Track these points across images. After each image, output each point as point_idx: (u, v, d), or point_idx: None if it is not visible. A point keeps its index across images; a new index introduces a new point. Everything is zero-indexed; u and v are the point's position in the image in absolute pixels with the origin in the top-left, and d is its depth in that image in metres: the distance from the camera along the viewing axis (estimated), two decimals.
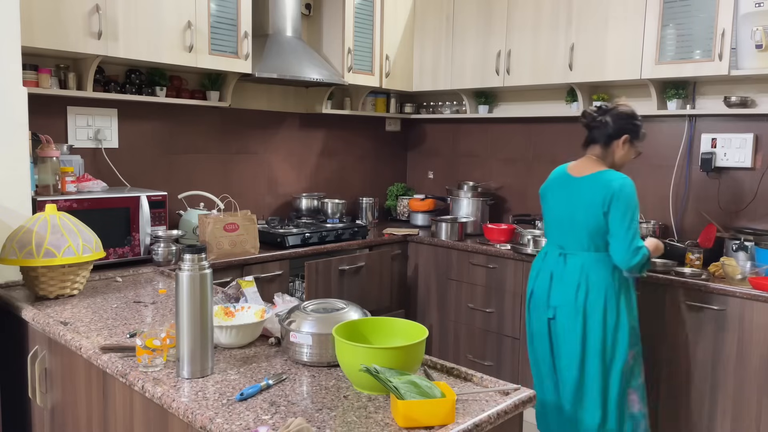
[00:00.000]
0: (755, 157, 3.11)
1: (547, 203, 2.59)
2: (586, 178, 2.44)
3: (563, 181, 2.53)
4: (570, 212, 2.44)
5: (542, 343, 2.54)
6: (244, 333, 1.66)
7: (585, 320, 2.38)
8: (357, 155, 4.38)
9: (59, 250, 2.03)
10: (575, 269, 2.41)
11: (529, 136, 3.99)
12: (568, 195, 2.47)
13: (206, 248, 1.89)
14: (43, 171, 2.54)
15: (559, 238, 2.51)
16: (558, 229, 2.51)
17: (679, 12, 2.99)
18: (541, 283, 2.52)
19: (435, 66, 4.07)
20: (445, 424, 1.23)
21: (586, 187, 2.42)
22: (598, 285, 2.38)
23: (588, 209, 2.38)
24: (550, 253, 2.54)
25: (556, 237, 2.53)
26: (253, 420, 1.25)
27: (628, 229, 2.32)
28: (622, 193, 2.33)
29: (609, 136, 2.47)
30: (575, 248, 2.44)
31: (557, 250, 2.50)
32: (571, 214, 2.44)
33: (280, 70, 3.32)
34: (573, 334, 2.41)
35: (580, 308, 2.38)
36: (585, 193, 2.41)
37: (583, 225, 2.40)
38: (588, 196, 2.39)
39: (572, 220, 2.43)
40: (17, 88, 2.24)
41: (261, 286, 2.76)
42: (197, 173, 3.49)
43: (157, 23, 2.83)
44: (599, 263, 2.39)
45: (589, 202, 2.38)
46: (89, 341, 1.70)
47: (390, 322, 1.54)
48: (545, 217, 2.61)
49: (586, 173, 2.46)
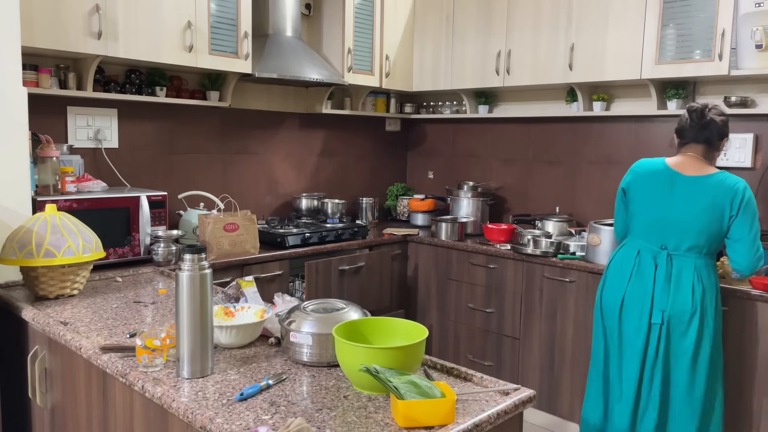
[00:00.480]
0: (755, 157, 3.11)
1: (643, 199, 2.42)
2: (704, 178, 2.34)
3: (669, 178, 2.39)
4: (684, 212, 2.34)
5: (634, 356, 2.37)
6: (244, 333, 1.66)
7: (702, 325, 2.30)
8: (357, 155, 4.38)
9: (59, 250, 2.03)
10: (690, 271, 2.33)
11: (529, 136, 3.99)
12: (682, 194, 2.35)
13: (206, 248, 1.89)
14: (43, 171, 2.54)
15: (661, 238, 2.38)
16: (662, 229, 2.38)
17: (679, 12, 2.99)
18: (641, 285, 2.38)
19: (435, 66, 4.07)
20: (445, 424, 1.23)
21: (707, 188, 2.33)
22: (710, 289, 2.33)
23: (711, 211, 2.31)
24: (644, 254, 2.40)
25: (656, 236, 2.39)
26: (253, 420, 1.25)
27: (756, 235, 2.30)
28: (750, 199, 2.30)
29: (720, 136, 2.40)
30: (685, 249, 2.35)
31: (658, 251, 2.39)
32: (684, 214, 2.34)
33: (280, 70, 3.32)
34: (687, 341, 2.32)
35: (697, 312, 2.30)
36: (706, 195, 2.32)
37: (703, 226, 2.32)
38: (711, 198, 2.31)
39: (686, 221, 2.33)
40: (17, 88, 2.24)
41: (261, 286, 2.76)
42: (197, 173, 3.49)
43: (157, 23, 2.83)
44: (710, 267, 2.36)
45: (712, 204, 2.31)
46: (89, 341, 1.70)
47: (390, 322, 1.54)
48: (637, 214, 2.44)
49: (701, 173, 2.36)
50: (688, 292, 2.32)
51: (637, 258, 2.43)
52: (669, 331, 2.34)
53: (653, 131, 3.46)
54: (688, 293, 2.32)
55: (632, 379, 2.39)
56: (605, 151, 3.66)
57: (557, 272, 3.18)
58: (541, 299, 3.26)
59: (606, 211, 3.60)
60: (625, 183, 2.52)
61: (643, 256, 2.42)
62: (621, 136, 3.59)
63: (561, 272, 3.16)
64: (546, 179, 3.93)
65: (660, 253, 2.38)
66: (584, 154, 3.75)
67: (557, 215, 3.68)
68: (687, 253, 2.35)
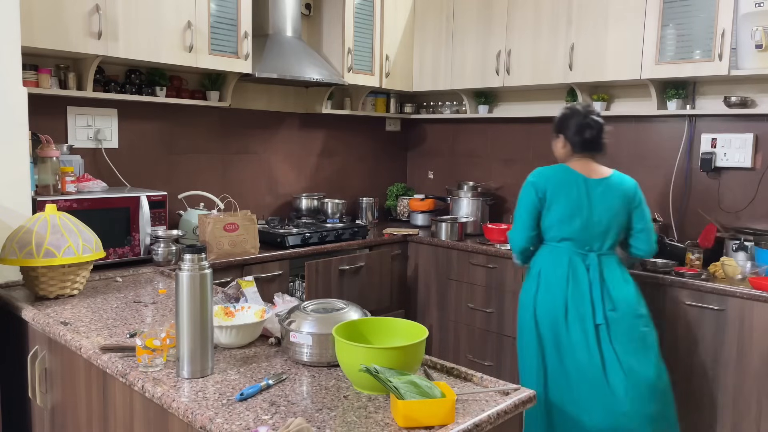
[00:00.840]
0: (755, 157, 3.11)
1: (560, 204, 2.47)
2: (606, 180, 2.51)
3: (579, 182, 2.48)
4: (602, 213, 2.46)
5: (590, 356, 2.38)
6: (244, 333, 1.66)
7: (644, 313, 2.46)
8: (357, 155, 4.38)
9: (59, 250, 2.03)
10: (615, 267, 2.47)
11: (529, 136, 3.99)
12: (597, 197, 2.47)
13: (206, 248, 1.89)
14: (43, 171, 2.54)
15: (589, 241, 2.46)
16: (588, 232, 2.45)
17: (679, 12, 2.99)
18: (577, 289, 2.42)
19: (435, 66, 4.07)
20: (445, 424, 1.23)
21: (611, 188, 2.49)
22: (632, 279, 2.52)
23: (619, 210, 2.48)
24: (575, 258, 2.45)
25: (584, 240, 2.45)
26: (253, 420, 1.25)
27: (651, 222, 2.56)
28: (640, 191, 2.54)
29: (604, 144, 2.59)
30: (608, 248, 2.49)
31: (586, 254, 2.45)
32: (603, 216, 2.46)
33: (280, 70, 3.32)
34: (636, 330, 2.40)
35: (641, 302, 2.47)
36: (613, 195, 2.48)
37: (621, 224, 2.49)
38: (616, 198, 2.48)
39: (607, 221, 2.46)
40: (17, 88, 2.24)
41: (261, 286, 2.76)
42: (197, 173, 3.49)
43: (157, 23, 2.83)
44: (617, 260, 2.52)
45: (619, 203, 2.48)
46: (89, 341, 1.70)
47: (390, 322, 1.54)
48: (561, 221, 2.47)
49: (605, 175, 2.53)
50: (625, 286, 2.45)
51: (570, 263, 2.45)
52: (615, 326, 2.38)
53: (653, 131, 3.46)
54: (625, 287, 2.45)
55: (597, 378, 2.37)
56: None
57: None
58: None
59: None
60: (539, 191, 2.50)
61: (573, 260, 2.45)
62: (621, 136, 3.58)
63: None
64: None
65: (589, 255, 2.46)
66: None
67: None
68: (610, 251, 2.50)
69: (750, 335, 2.59)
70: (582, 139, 2.52)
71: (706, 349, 2.72)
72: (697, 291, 2.71)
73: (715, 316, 2.67)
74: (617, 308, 2.40)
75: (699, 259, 2.93)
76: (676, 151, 3.36)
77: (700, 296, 2.71)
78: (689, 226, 3.33)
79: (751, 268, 2.72)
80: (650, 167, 3.46)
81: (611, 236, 2.47)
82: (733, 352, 2.63)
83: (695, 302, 2.72)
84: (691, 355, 2.76)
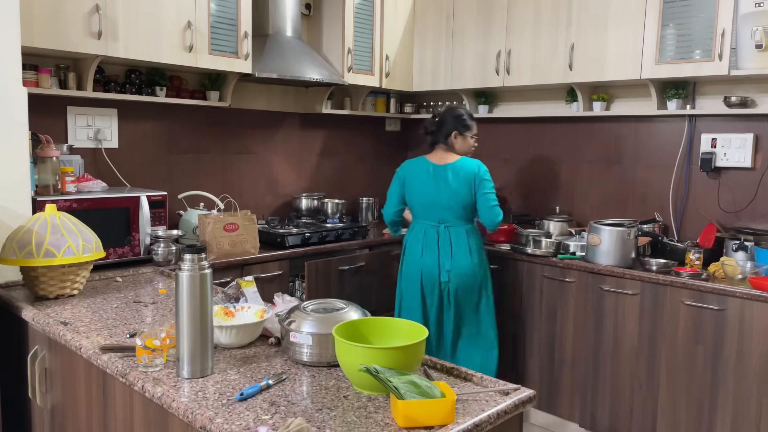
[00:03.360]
0: (755, 157, 3.11)
1: (414, 188, 3.07)
2: (451, 164, 3.03)
3: (428, 168, 3.07)
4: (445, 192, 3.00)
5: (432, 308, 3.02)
6: (244, 333, 1.66)
7: (482, 276, 3.02)
8: (357, 155, 4.38)
9: (59, 250, 2.03)
10: (463, 236, 3.00)
11: (529, 136, 3.99)
12: (440, 179, 3.01)
13: (206, 248, 1.89)
14: (43, 171, 2.54)
15: (437, 216, 3.02)
16: (435, 208, 3.02)
17: (679, 12, 2.99)
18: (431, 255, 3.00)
19: (435, 66, 4.07)
20: (445, 424, 1.23)
21: (455, 171, 3.01)
22: (481, 248, 3.06)
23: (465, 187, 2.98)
24: (429, 230, 3.03)
25: (433, 215, 3.03)
26: (253, 420, 1.25)
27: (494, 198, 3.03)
28: (486, 172, 3.02)
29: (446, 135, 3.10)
30: (454, 219, 3.01)
31: (437, 225, 3.02)
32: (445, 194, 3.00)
33: (280, 70, 3.32)
34: (471, 290, 2.99)
35: (476, 267, 3.00)
36: (456, 176, 2.99)
37: (457, 201, 2.99)
38: (461, 178, 2.99)
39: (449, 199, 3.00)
40: (17, 88, 2.24)
41: (261, 286, 2.75)
42: (197, 173, 3.49)
43: (157, 23, 2.83)
44: (475, 230, 3.08)
45: (462, 182, 2.98)
46: (89, 341, 1.70)
47: (390, 322, 1.54)
48: (414, 200, 3.10)
49: (447, 161, 3.04)
50: (466, 253, 2.98)
51: (424, 234, 3.04)
52: (456, 284, 2.97)
53: (653, 131, 3.46)
54: (466, 253, 2.98)
55: (432, 323, 3.03)
56: (605, 151, 3.66)
57: (557, 272, 3.18)
58: (541, 299, 3.27)
59: (606, 211, 3.60)
60: (403, 175, 3.16)
61: (428, 231, 3.03)
62: (621, 136, 3.59)
63: (561, 272, 3.16)
64: (546, 179, 3.93)
65: (439, 227, 3.02)
66: (584, 154, 3.75)
67: (557, 215, 3.68)
68: (457, 222, 3.01)
69: (750, 335, 2.59)
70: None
71: (706, 349, 2.72)
72: (697, 291, 2.71)
73: (715, 316, 2.67)
74: (453, 269, 2.96)
75: (699, 259, 2.93)
76: (676, 151, 3.36)
77: (700, 296, 2.71)
78: (689, 226, 3.33)
79: (751, 268, 2.72)
80: (650, 167, 3.46)
81: (454, 210, 2.99)
82: (733, 352, 2.63)
83: (695, 302, 2.72)
84: (691, 355, 2.76)
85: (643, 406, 2.93)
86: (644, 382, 2.92)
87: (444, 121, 3.13)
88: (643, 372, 2.92)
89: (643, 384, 2.92)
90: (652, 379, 2.89)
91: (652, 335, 2.87)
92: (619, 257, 2.97)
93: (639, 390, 2.94)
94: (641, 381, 2.93)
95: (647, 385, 2.91)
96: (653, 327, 2.86)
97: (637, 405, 2.95)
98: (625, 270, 2.93)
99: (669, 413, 2.85)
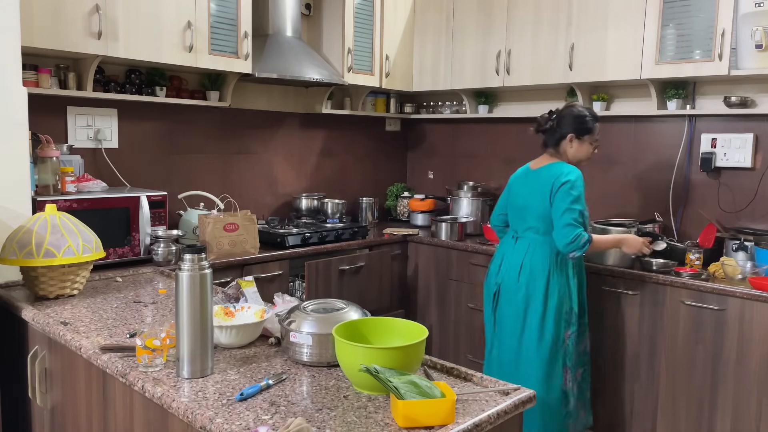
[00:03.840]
0: (755, 157, 3.11)
1: (510, 193, 2.85)
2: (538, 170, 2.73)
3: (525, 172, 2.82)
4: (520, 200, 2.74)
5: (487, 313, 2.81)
6: (244, 333, 1.66)
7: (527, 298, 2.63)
8: (357, 155, 4.38)
9: (59, 250, 2.03)
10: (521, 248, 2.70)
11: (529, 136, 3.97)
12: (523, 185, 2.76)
13: (206, 248, 1.89)
14: (43, 171, 2.54)
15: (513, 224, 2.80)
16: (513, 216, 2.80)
17: (679, 12, 2.99)
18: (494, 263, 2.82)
19: (435, 66, 4.07)
20: (445, 424, 1.23)
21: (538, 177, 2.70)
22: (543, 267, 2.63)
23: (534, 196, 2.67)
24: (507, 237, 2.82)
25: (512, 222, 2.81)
26: (253, 420, 1.25)
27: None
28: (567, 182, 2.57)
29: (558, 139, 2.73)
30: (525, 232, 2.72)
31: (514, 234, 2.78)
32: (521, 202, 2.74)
33: (280, 70, 3.32)
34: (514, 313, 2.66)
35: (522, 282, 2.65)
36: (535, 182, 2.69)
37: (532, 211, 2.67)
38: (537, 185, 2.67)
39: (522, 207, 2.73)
40: (17, 88, 2.24)
41: (261, 286, 2.76)
42: (197, 173, 3.49)
43: (157, 23, 2.83)
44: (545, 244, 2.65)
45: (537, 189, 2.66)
46: (89, 341, 1.70)
47: (390, 322, 1.54)
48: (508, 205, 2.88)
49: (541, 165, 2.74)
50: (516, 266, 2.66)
51: (501, 242, 2.85)
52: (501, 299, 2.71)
53: (653, 131, 3.46)
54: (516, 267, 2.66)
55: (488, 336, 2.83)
56: (605, 151, 3.65)
57: None
58: None
59: (606, 211, 3.60)
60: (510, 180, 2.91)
61: (504, 239, 2.83)
62: (621, 136, 3.58)
63: None
64: None
65: (514, 236, 2.76)
66: None
67: None
68: (526, 234, 2.69)
69: (750, 335, 2.59)
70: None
71: (706, 349, 2.72)
72: (697, 291, 2.71)
73: (715, 316, 2.67)
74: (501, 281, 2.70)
75: (699, 259, 2.93)
76: (676, 151, 3.36)
77: (700, 296, 2.70)
78: (689, 226, 3.33)
79: (751, 268, 2.72)
80: (650, 167, 3.46)
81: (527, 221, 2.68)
82: (733, 352, 2.63)
83: (695, 302, 2.72)
84: (691, 355, 2.76)
85: (643, 405, 2.93)
86: (644, 382, 2.92)
87: (561, 121, 2.72)
88: (643, 372, 2.92)
89: (643, 384, 2.92)
90: (652, 379, 2.89)
91: (652, 335, 2.87)
92: (619, 257, 2.97)
93: (639, 390, 2.94)
94: (641, 381, 2.93)
95: (647, 384, 2.91)
96: (653, 327, 2.86)
97: (637, 405, 2.95)
98: (625, 270, 2.93)
99: (669, 413, 2.85)
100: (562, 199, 2.53)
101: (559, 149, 2.72)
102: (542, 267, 2.61)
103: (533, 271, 2.62)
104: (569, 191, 2.52)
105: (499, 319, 2.72)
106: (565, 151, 2.71)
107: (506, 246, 2.77)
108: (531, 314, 2.61)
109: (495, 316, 2.74)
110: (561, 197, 2.53)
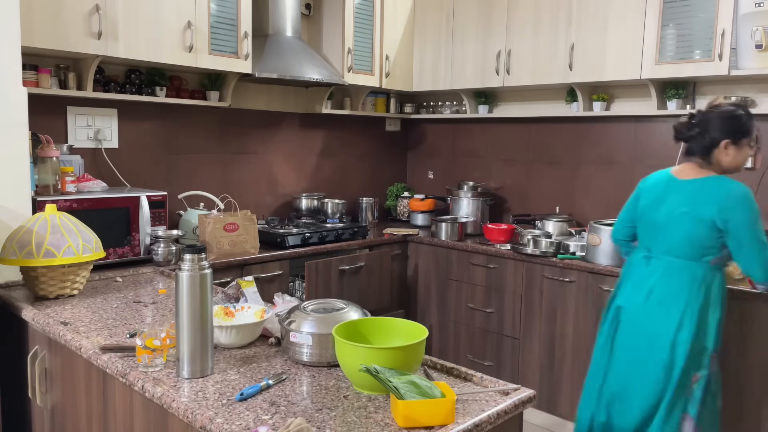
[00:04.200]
0: (755, 157, 3.11)
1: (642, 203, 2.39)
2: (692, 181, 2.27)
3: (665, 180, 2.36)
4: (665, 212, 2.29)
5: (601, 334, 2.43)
6: (244, 333, 1.66)
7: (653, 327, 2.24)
8: (357, 155, 4.38)
9: (59, 250, 2.03)
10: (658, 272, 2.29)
11: (529, 136, 3.99)
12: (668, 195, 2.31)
13: (206, 248, 1.89)
14: (43, 171, 2.54)
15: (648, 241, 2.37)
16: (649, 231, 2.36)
17: (679, 12, 2.99)
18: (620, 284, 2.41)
19: (435, 66, 4.07)
20: (445, 424, 1.23)
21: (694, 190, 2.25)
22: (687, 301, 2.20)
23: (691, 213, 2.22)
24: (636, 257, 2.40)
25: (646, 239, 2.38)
26: (253, 420, 1.25)
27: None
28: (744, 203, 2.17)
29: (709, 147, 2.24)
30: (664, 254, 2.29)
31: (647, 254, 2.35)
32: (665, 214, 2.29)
33: (280, 70, 3.32)
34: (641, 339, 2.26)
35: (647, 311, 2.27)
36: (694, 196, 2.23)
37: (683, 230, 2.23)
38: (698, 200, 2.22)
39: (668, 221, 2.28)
40: (17, 88, 2.24)
41: (261, 286, 2.76)
42: (197, 173, 3.49)
43: (157, 23, 2.83)
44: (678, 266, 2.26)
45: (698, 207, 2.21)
46: (89, 341, 1.70)
47: (390, 322, 1.54)
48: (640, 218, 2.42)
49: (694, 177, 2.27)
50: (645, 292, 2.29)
51: (628, 263, 2.46)
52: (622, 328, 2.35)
53: (653, 131, 3.46)
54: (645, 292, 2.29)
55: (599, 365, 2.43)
56: (605, 151, 3.66)
57: (557, 272, 3.18)
58: (541, 299, 3.26)
59: (606, 211, 3.60)
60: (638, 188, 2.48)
61: (632, 260, 2.44)
62: (621, 136, 3.58)
63: (561, 272, 3.16)
64: (546, 179, 3.93)
65: (647, 257, 2.35)
66: (584, 154, 3.75)
67: (557, 215, 3.68)
68: (667, 255, 2.28)
69: (750, 335, 2.58)
70: None
71: None
72: None
73: None
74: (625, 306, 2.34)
75: None
76: (676, 151, 3.36)
77: None
78: None
79: None
80: (650, 167, 3.46)
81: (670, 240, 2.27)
82: (733, 352, 2.63)
83: None
84: None
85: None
86: None
87: (708, 126, 2.23)
88: None
89: None
90: None
91: None
92: (619, 257, 2.97)
93: None
94: None
95: None
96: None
97: None
98: None
99: None
100: (749, 226, 2.13)
101: (711, 159, 2.24)
102: (678, 295, 2.21)
103: (665, 297, 2.23)
104: (753, 213, 2.13)
105: (617, 349, 2.34)
106: (718, 161, 2.23)
107: (635, 268, 2.36)
108: (656, 348, 2.22)
109: (612, 344, 2.37)
110: (745, 223, 2.13)
